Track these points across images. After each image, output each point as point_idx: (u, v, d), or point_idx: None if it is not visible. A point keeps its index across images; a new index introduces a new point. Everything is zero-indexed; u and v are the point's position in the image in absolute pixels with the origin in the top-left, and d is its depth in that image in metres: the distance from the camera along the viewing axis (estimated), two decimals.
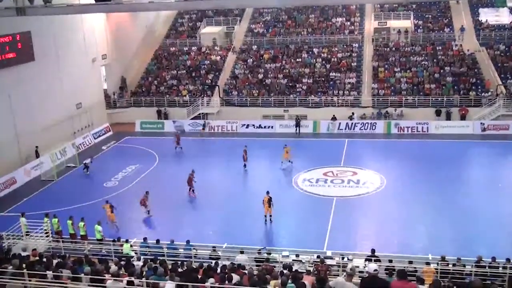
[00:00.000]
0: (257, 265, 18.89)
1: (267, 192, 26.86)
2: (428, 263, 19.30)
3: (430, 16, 53.86)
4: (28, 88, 36.49)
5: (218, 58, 52.40)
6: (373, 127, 42.72)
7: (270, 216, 26.58)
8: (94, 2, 22.45)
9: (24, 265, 15.12)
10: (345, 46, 51.06)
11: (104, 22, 47.36)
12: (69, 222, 24.71)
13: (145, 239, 22.73)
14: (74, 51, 42.52)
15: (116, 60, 49.54)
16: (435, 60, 47.53)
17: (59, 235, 24.60)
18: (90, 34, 44.90)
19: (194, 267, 16.88)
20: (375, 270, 10.55)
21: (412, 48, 49.55)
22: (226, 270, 16.12)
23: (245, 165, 34.77)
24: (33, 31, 36.26)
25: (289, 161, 34.56)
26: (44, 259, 17.56)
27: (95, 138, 43.26)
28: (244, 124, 44.26)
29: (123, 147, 42.10)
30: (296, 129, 42.96)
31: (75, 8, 28.26)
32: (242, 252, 20.41)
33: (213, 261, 19.25)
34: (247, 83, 48.71)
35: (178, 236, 23.38)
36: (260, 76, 49.37)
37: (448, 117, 42.80)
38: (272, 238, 25.27)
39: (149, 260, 18.09)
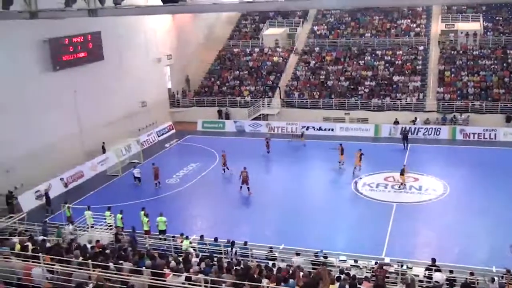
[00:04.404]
0: (313, 269, 18.79)
1: (359, 149, 33.11)
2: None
3: (501, 18, 51.71)
4: (94, 86, 37.80)
5: (280, 59, 52.54)
6: (437, 133, 41.49)
7: (360, 167, 33.10)
8: (161, 3, 23.01)
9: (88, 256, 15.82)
10: (410, 49, 49.90)
11: (170, 22, 48.63)
12: (142, 213, 25.30)
13: (201, 237, 23.05)
14: (139, 51, 43.89)
15: (179, 60, 50.65)
16: (505, 64, 45.61)
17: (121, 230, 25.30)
18: (153, 35, 46.15)
19: (251, 266, 17.05)
20: (439, 282, 10.26)
21: (480, 51, 47.77)
22: (283, 273, 16.11)
23: (224, 170, 34.74)
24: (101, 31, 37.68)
25: (356, 167, 33.65)
26: (107, 251, 18.26)
27: (158, 136, 44.45)
28: (304, 126, 44.07)
29: (185, 145, 43.02)
30: (404, 143, 39.01)
31: (144, 9, 28.87)
32: (298, 254, 20.35)
33: (270, 262, 19.31)
34: (308, 85, 48.54)
35: (235, 235, 23.59)
36: (322, 78, 49.07)
37: None
38: (329, 242, 24.99)
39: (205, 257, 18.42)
